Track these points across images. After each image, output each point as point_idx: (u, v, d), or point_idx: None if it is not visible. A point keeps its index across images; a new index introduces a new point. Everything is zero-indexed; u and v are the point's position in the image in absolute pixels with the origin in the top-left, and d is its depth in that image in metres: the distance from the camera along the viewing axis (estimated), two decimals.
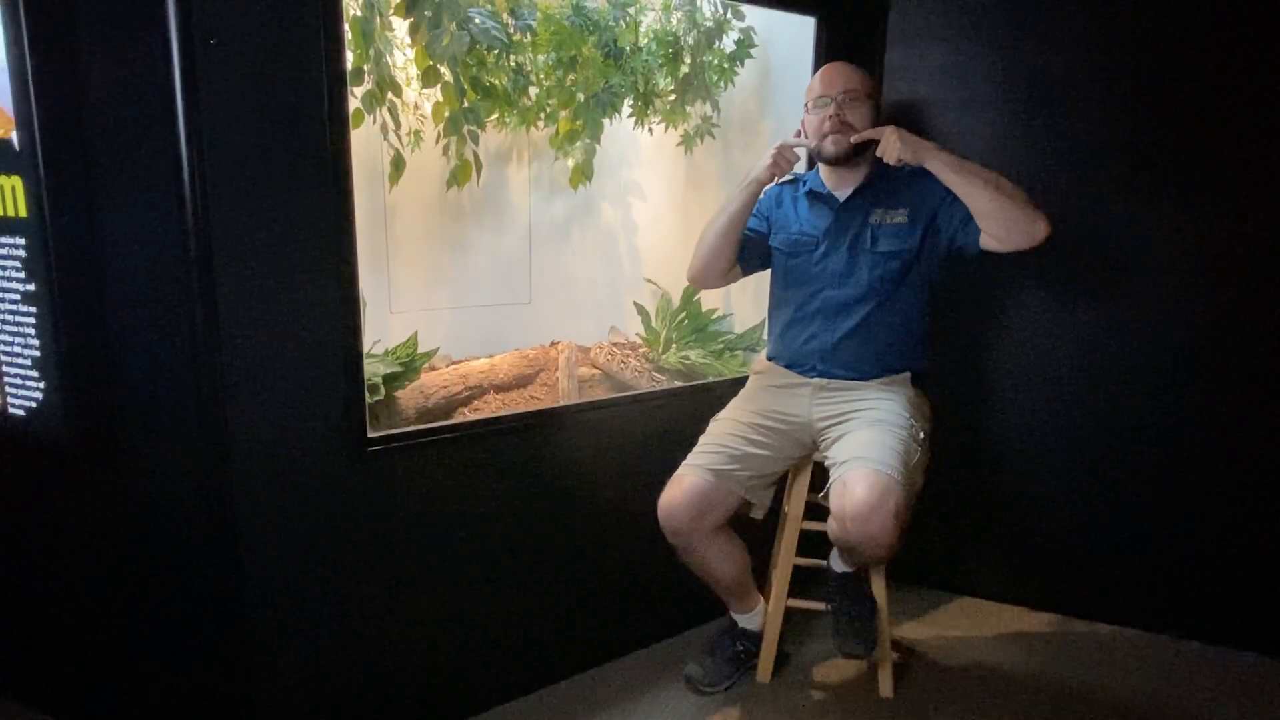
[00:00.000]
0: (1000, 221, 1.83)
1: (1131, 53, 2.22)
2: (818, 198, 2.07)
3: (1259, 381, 2.21)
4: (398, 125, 2.16)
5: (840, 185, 2.04)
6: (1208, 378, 2.26)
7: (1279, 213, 2.13)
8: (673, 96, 2.53)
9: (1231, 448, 2.26)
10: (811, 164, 2.14)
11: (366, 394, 1.72)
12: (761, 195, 2.18)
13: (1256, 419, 2.22)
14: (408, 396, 2.11)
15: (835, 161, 1.99)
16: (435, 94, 2.16)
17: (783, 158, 1.98)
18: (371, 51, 1.99)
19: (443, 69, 2.05)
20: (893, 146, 1.87)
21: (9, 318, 1.63)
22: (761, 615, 2.16)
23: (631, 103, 2.47)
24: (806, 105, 2.02)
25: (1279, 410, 2.20)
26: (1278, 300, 2.17)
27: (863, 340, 2.01)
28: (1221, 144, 2.17)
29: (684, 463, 2.02)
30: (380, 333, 2.23)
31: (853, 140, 1.94)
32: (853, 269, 2.00)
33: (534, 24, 2.16)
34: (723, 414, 2.11)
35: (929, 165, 1.87)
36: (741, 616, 2.17)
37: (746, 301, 2.75)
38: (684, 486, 1.97)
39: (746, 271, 2.16)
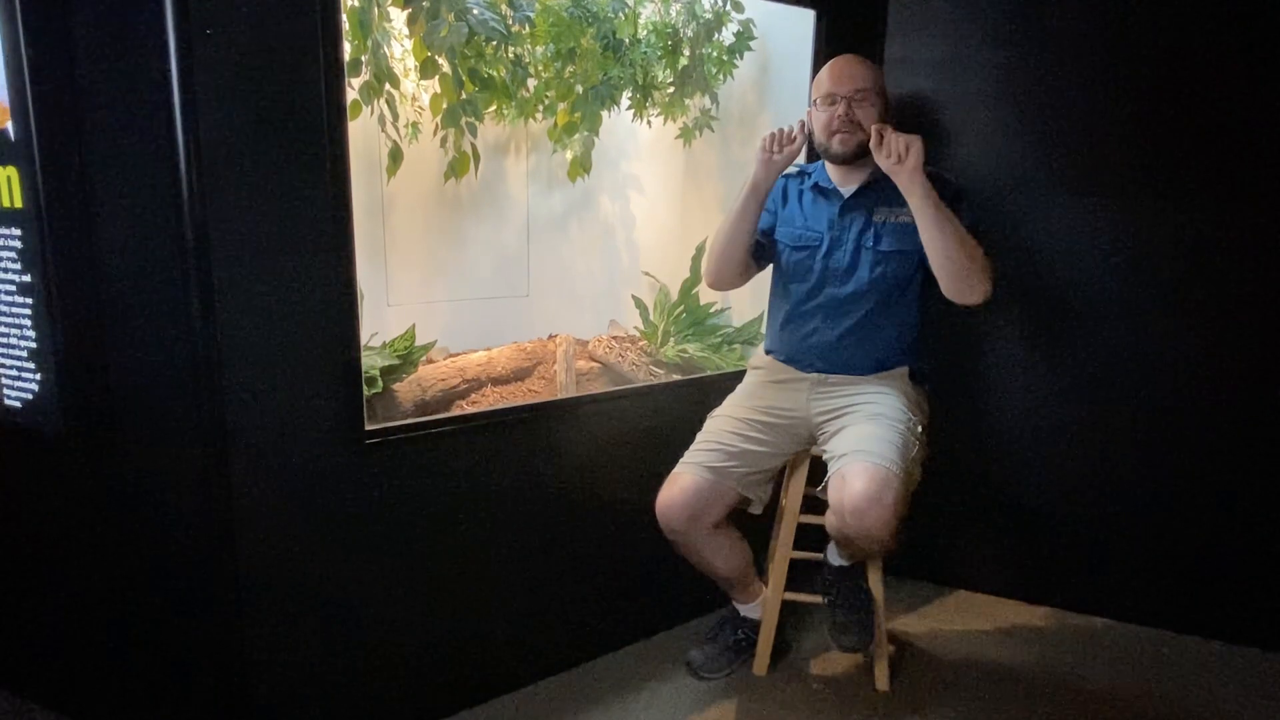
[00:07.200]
0: (949, 273, 1.86)
1: (1133, 47, 2.21)
2: (822, 193, 2.06)
3: (1258, 376, 2.21)
4: (395, 117, 2.14)
5: (846, 181, 2.03)
6: (1206, 371, 2.26)
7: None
8: (671, 89, 2.52)
9: (1230, 441, 2.26)
10: (815, 155, 2.13)
11: (364, 387, 1.71)
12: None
13: (1255, 412, 2.23)
14: (405, 389, 2.10)
15: (842, 160, 1.99)
16: (433, 86, 2.15)
17: (768, 151, 1.93)
18: (369, 42, 1.98)
19: (441, 60, 2.04)
20: (899, 149, 1.79)
21: (5, 309, 1.62)
22: (764, 605, 2.16)
23: (630, 95, 2.46)
24: (815, 101, 2.01)
25: (1278, 404, 2.20)
26: (1279, 295, 2.17)
27: (863, 337, 2.00)
28: (1224, 141, 2.16)
29: (681, 461, 2.02)
30: (377, 325, 2.23)
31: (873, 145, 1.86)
32: (855, 266, 1.99)
33: (532, 15, 2.14)
34: (719, 410, 2.11)
35: (913, 193, 1.82)
36: (744, 606, 2.18)
37: (744, 295, 2.74)
38: (681, 485, 1.97)
39: (762, 266, 2.15)
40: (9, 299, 1.61)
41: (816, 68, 2.10)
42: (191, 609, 1.66)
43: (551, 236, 2.76)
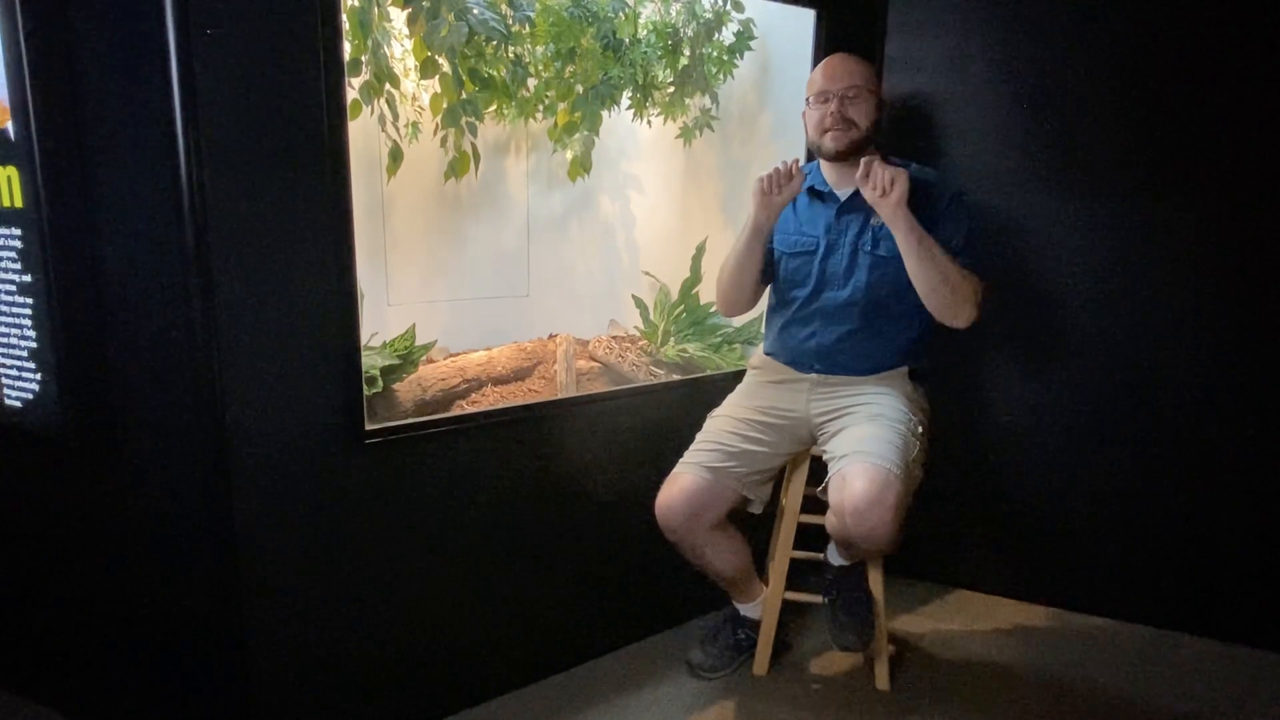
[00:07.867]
0: (933, 302, 1.88)
1: (1134, 45, 2.21)
2: (818, 195, 2.05)
3: (1258, 375, 2.21)
4: (395, 117, 2.14)
5: (842, 183, 2.02)
6: (1206, 370, 2.26)
7: None
8: (671, 89, 2.52)
9: (1230, 441, 2.26)
10: (811, 157, 2.13)
11: (364, 386, 1.71)
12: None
13: (1255, 412, 2.23)
14: (405, 389, 2.10)
15: (835, 157, 1.98)
16: (433, 85, 2.15)
17: (767, 193, 1.92)
18: (369, 42, 1.98)
19: (441, 60, 2.04)
20: (884, 182, 1.79)
21: (5, 309, 1.62)
22: (764, 605, 2.16)
23: (630, 95, 2.46)
24: (808, 99, 2.01)
25: (1277, 403, 2.20)
26: (1278, 296, 2.17)
27: (861, 339, 2.00)
28: (1226, 139, 2.16)
29: (680, 460, 2.02)
30: (378, 325, 2.23)
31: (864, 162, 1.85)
32: (852, 270, 1.99)
33: (533, 15, 2.14)
34: (719, 410, 2.11)
35: (896, 226, 1.82)
36: (744, 606, 2.18)
37: None
38: (680, 485, 1.97)
39: (768, 283, 2.15)
40: (9, 299, 1.61)
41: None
42: (192, 608, 1.66)
43: (551, 236, 2.76)
